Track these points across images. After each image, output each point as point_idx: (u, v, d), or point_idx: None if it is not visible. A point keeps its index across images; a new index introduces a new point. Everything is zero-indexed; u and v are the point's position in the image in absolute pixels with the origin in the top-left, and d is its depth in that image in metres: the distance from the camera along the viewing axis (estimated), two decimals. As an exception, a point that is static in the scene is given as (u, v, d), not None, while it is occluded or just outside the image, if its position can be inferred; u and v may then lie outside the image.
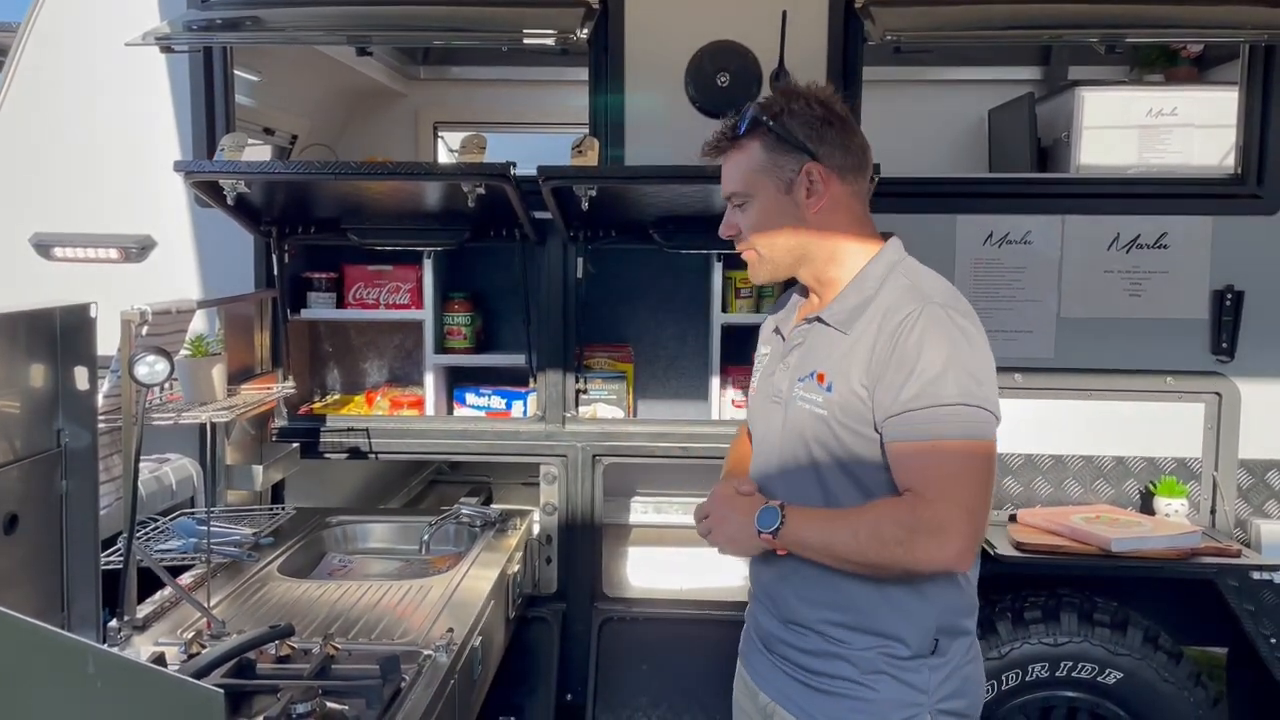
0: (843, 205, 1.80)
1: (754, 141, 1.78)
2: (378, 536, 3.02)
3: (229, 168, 2.56)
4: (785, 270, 1.85)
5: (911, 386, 1.64)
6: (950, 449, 1.63)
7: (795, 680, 1.82)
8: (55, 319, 1.93)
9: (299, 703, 1.73)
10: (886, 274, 1.77)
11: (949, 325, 1.66)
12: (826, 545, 1.70)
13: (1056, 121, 4.06)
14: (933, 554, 1.63)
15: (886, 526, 1.65)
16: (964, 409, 1.63)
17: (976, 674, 1.83)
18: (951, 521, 1.62)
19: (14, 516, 1.86)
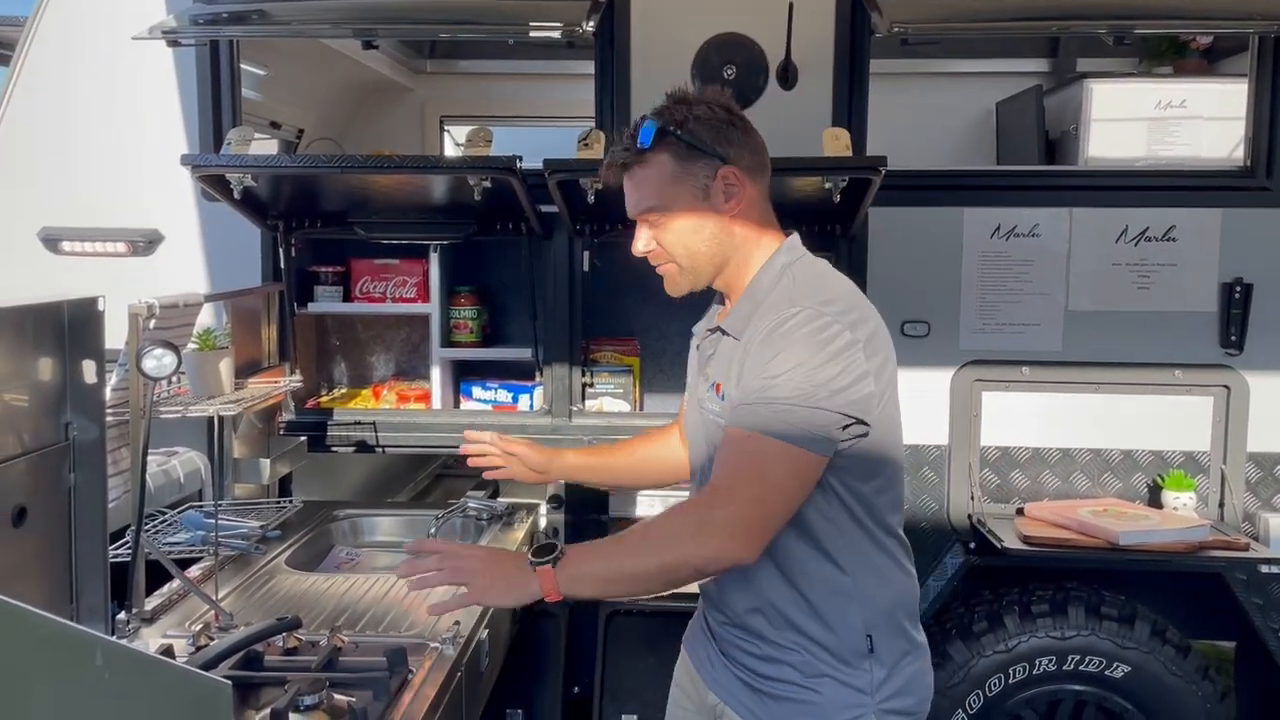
0: (755, 206, 1.79)
1: (662, 154, 1.74)
2: (385, 530, 3.03)
3: (235, 161, 2.56)
4: (706, 279, 1.82)
5: (756, 383, 1.63)
6: (765, 445, 1.60)
7: (743, 683, 1.80)
8: (63, 312, 1.93)
9: (306, 694, 1.73)
10: (778, 279, 1.75)
11: (813, 329, 1.64)
12: (609, 561, 1.64)
13: (1064, 114, 4.04)
14: (721, 550, 1.58)
15: (678, 523, 1.63)
16: (797, 410, 1.59)
17: (921, 671, 1.82)
18: (741, 518, 1.59)
19: (22, 509, 1.86)
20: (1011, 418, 3.01)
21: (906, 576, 1.82)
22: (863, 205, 2.73)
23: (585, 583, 1.63)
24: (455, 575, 1.65)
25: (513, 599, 1.66)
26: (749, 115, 1.81)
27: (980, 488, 3.01)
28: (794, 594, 1.73)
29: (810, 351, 1.62)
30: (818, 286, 1.74)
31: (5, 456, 1.82)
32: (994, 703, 2.94)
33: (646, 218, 1.79)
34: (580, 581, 1.62)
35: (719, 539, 1.58)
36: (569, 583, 1.61)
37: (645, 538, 1.64)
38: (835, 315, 1.66)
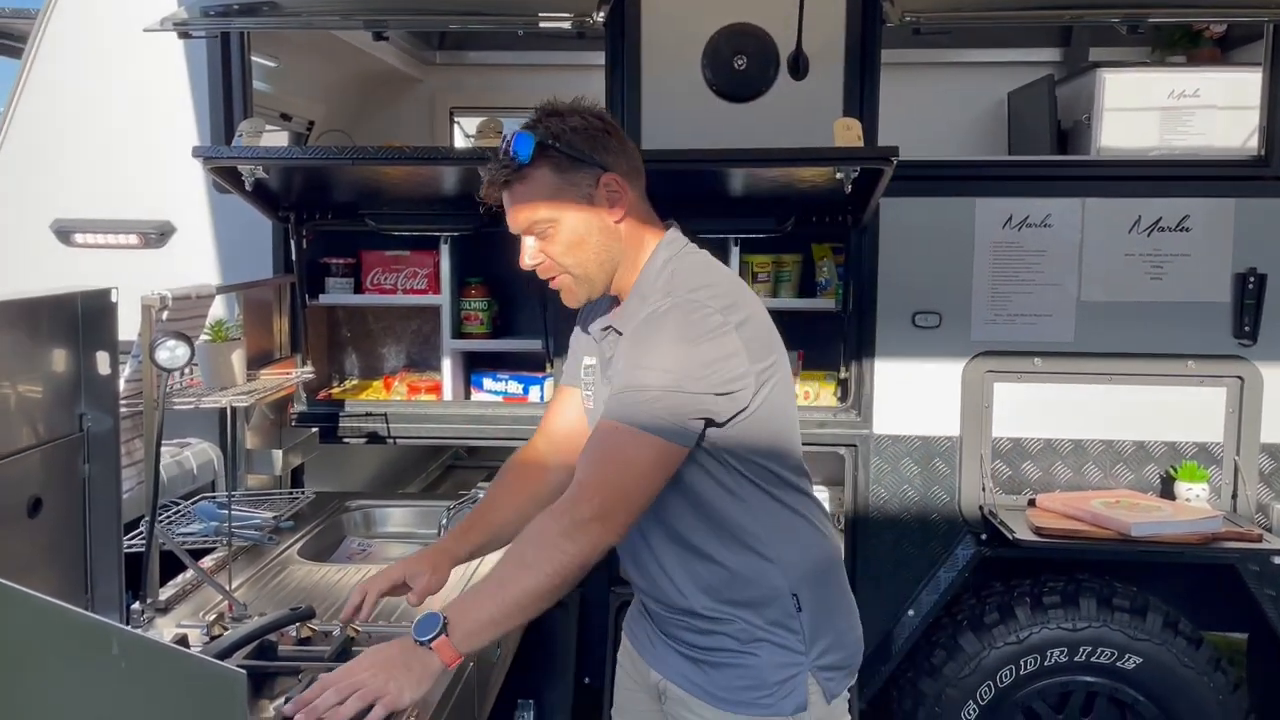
0: (636, 209, 1.82)
1: (542, 167, 1.75)
2: (396, 521, 3.04)
3: (247, 153, 2.57)
4: (601, 286, 1.84)
5: (626, 372, 1.68)
6: (627, 436, 1.64)
7: (684, 656, 1.85)
8: (77, 304, 1.94)
9: (320, 684, 1.75)
10: (659, 273, 1.79)
11: (680, 315, 1.68)
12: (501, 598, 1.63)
13: (1077, 104, 4.02)
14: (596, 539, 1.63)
15: (551, 530, 1.64)
16: (661, 398, 1.64)
17: (849, 626, 1.88)
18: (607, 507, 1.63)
19: (38, 500, 1.88)
20: (1023, 409, 3.00)
21: (823, 535, 1.87)
22: (874, 196, 2.72)
23: (483, 633, 1.64)
24: (358, 697, 1.54)
25: (424, 686, 1.60)
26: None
27: (992, 479, 3.00)
28: (717, 568, 1.78)
29: (677, 338, 1.66)
30: (693, 276, 1.77)
31: (20, 448, 1.83)
32: (1005, 694, 2.94)
33: (532, 231, 1.80)
34: (477, 634, 1.63)
35: (591, 533, 1.63)
36: (466, 640, 1.61)
37: (522, 559, 1.65)
38: (705, 299, 1.70)
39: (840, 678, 1.84)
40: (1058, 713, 2.98)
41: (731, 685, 1.80)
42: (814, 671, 1.79)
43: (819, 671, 1.80)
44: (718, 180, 2.84)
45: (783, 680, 1.77)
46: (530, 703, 2.98)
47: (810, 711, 1.78)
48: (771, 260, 3.14)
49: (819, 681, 1.79)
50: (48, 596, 1.17)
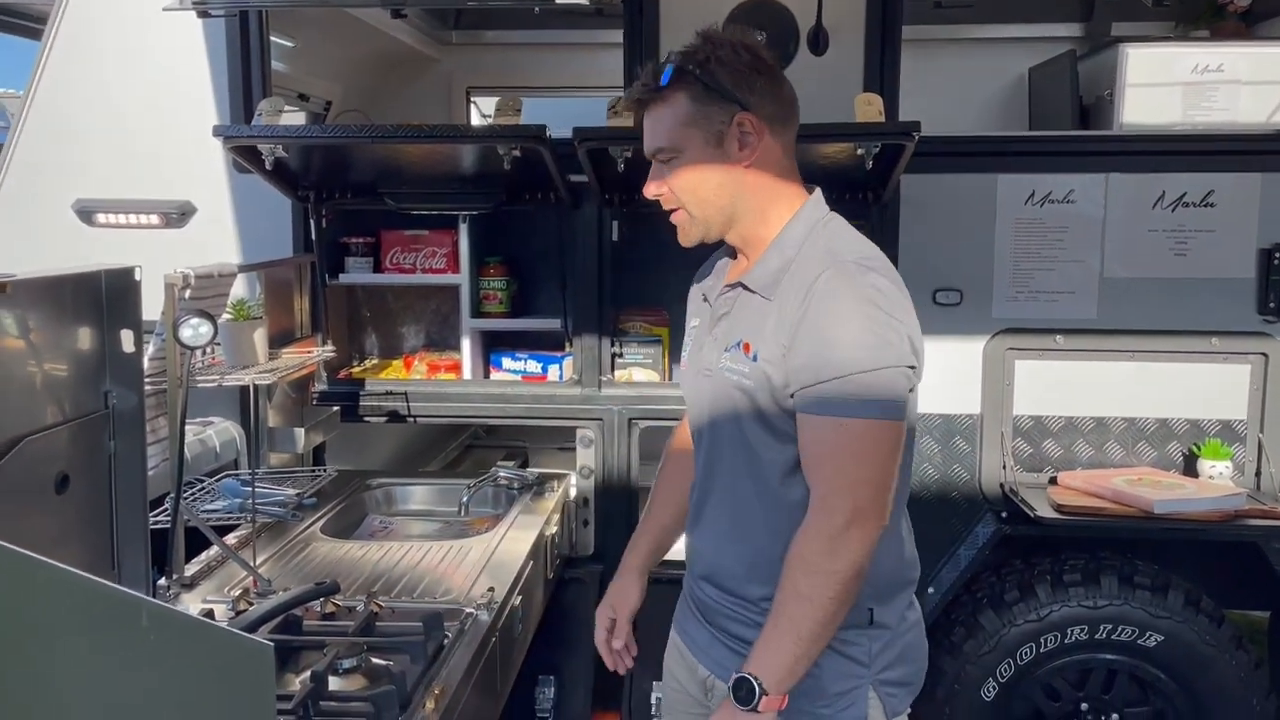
0: (773, 159, 1.71)
1: (679, 93, 1.67)
2: (417, 499, 3.06)
3: (266, 132, 2.57)
4: (717, 231, 1.75)
5: (815, 356, 1.58)
6: (853, 429, 1.57)
7: (735, 653, 1.75)
8: (101, 282, 1.96)
9: (345, 658, 1.77)
10: (807, 234, 1.69)
11: (857, 286, 1.59)
12: (797, 638, 1.59)
13: (1099, 79, 3.97)
14: (863, 540, 1.58)
15: (814, 555, 1.58)
16: (870, 376, 1.56)
17: (918, 641, 1.80)
18: (861, 504, 1.58)
19: (65, 476, 1.89)
20: (1045, 386, 2.98)
21: (910, 548, 1.80)
22: (895, 172, 2.70)
23: (795, 673, 1.60)
24: None
25: None
26: None
27: (1013, 457, 2.99)
28: None
29: (863, 312, 1.58)
30: (854, 243, 1.70)
31: (47, 424, 1.85)
32: (1025, 671, 2.94)
33: (659, 159, 1.74)
34: (789, 677, 1.60)
35: (851, 540, 1.57)
36: (781, 686, 1.59)
37: (797, 592, 1.59)
38: (879, 269, 1.63)
39: (903, 694, 1.75)
40: (1078, 690, 2.98)
41: None
42: (876, 685, 1.70)
43: (881, 686, 1.71)
44: (737, 157, 2.82)
45: (843, 691, 1.69)
46: (551, 678, 3.00)
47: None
48: (791, 238, 3.12)
49: (881, 697, 1.71)
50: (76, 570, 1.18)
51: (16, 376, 1.81)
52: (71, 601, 1.19)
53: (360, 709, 1.63)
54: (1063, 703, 2.99)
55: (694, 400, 1.84)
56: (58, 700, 1.19)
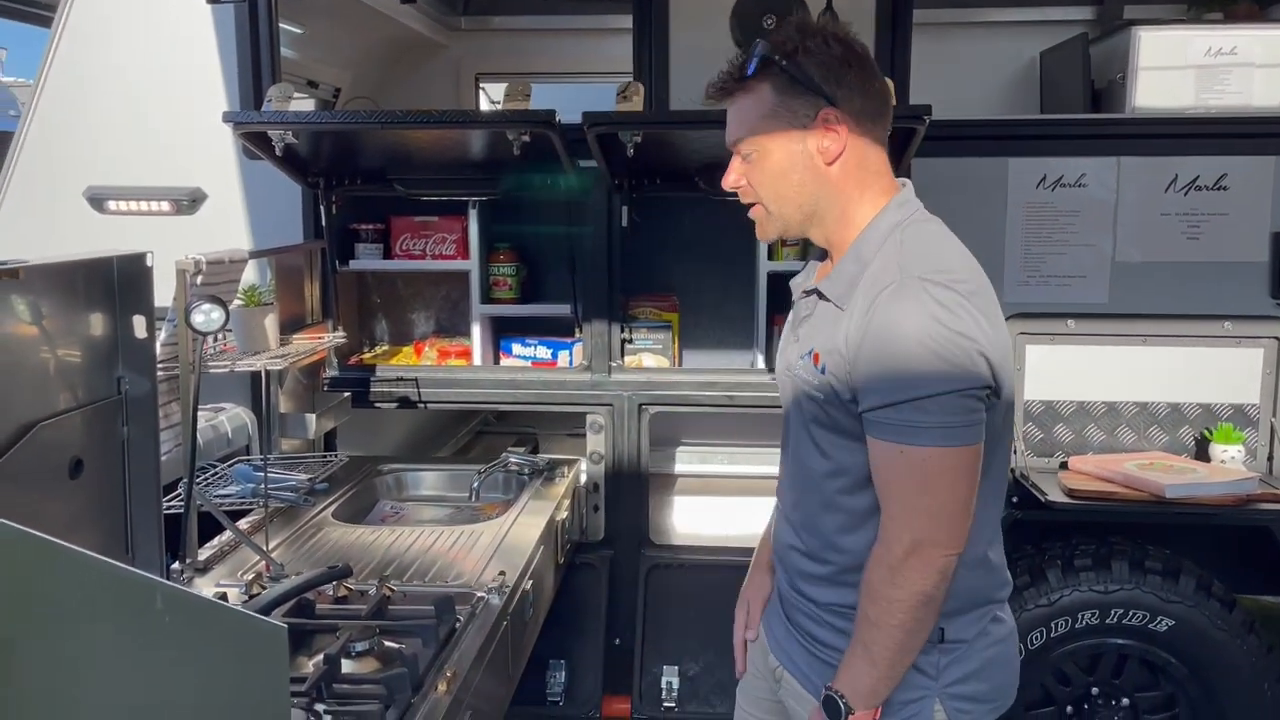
0: (859, 156, 1.63)
1: (764, 84, 1.61)
2: (428, 484, 3.07)
3: (276, 118, 2.57)
4: (795, 228, 1.68)
5: (875, 378, 1.52)
6: (915, 456, 1.51)
7: (804, 648, 1.74)
8: (113, 268, 1.96)
9: (358, 641, 1.78)
10: (885, 239, 1.61)
11: (920, 301, 1.50)
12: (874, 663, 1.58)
13: (1110, 63, 3.94)
14: (933, 565, 1.53)
15: (883, 583, 1.55)
16: (935, 401, 1.48)
17: (1002, 656, 1.72)
18: (929, 532, 1.52)
19: (79, 461, 1.91)
20: (1056, 371, 2.98)
21: (996, 566, 1.72)
22: (906, 155, 2.69)
23: (878, 693, 1.60)
24: None
25: None
26: None
27: (1024, 441, 2.99)
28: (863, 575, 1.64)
29: (925, 332, 1.48)
30: (928, 252, 1.59)
31: (61, 410, 1.86)
32: (1036, 656, 2.94)
33: (739, 150, 1.67)
34: (873, 696, 1.59)
35: (912, 570, 1.53)
36: (865, 704, 1.59)
37: (868, 619, 1.57)
38: (947, 281, 1.53)
39: (978, 712, 1.68)
40: (1089, 675, 2.98)
41: None
42: (944, 699, 1.64)
43: (950, 700, 1.65)
44: (747, 142, 2.81)
45: (907, 701, 1.64)
46: (562, 663, 3.02)
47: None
48: (801, 223, 3.11)
49: (948, 711, 1.65)
50: (91, 553, 1.19)
51: (30, 362, 1.82)
52: (87, 584, 1.20)
53: (373, 691, 1.64)
54: (1073, 687, 2.99)
55: (781, 396, 1.81)
56: (74, 681, 1.20)
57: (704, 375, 3.10)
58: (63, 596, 1.20)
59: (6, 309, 1.75)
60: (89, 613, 1.20)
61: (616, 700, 3.01)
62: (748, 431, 4.01)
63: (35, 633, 1.19)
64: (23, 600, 1.18)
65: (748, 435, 4.02)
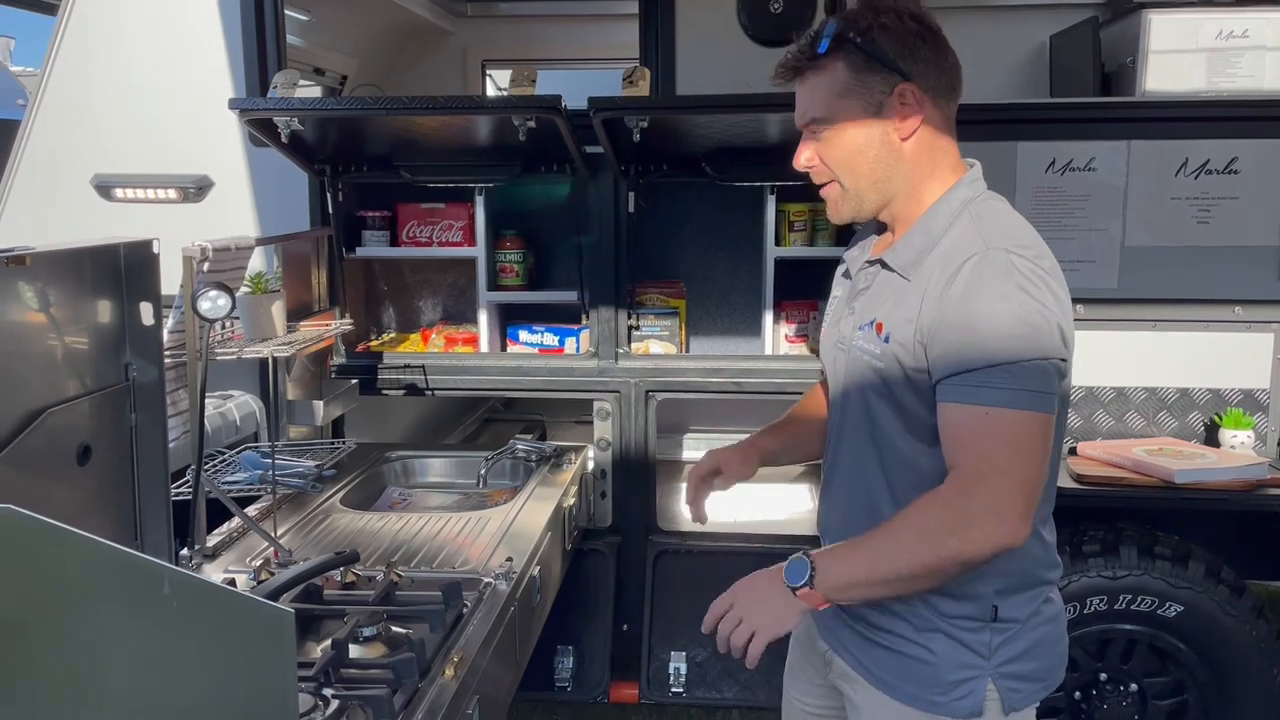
0: (932, 132, 1.62)
1: (837, 62, 1.59)
2: (436, 471, 3.07)
3: (283, 104, 2.57)
4: (870, 207, 1.68)
5: (962, 343, 1.51)
6: (1000, 418, 1.49)
7: (853, 630, 1.74)
8: (120, 255, 1.97)
9: (365, 626, 1.78)
10: (957, 213, 1.61)
11: (1005, 271, 1.50)
12: (871, 569, 1.54)
13: (1121, 46, 3.91)
14: (989, 537, 1.48)
15: (933, 519, 1.51)
16: (1020, 367, 1.48)
17: (1053, 635, 1.71)
18: (1002, 497, 1.48)
19: (87, 447, 1.91)
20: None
21: (1049, 548, 1.72)
22: (913, 140, 2.67)
23: (849, 591, 1.57)
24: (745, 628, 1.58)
25: (794, 622, 1.58)
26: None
27: (1031, 428, 2.97)
28: None
29: (1014, 300, 1.49)
30: (1004, 227, 1.59)
31: (69, 396, 1.87)
32: (1043, 642, 2.94)
33: (812, 129, 1.65)
34: (843, 591, 1.56)
35: (984, 528, 1.48)
36: (832, 593, 1.56)
37: (899, 540, 1.52)
38: (1029, 255, 1.53)
39: (1029, 690, 1.67)
40: (1097, 661, 2.97)
41: (901, 673, 1.67)
42: (995, 678, 1.64)
43: (1002, 679, 1.64)
44: (753, 126, 2.80)
45: (959, 681, 1.63)
46: (569, 649, 3.03)
47: (984, 719, 1.64)
48: (808, 209, 3.10)
49: (1000, 690, 1.64)
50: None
51: (37, 349, 1.82)
52: (96, 569, 1.21)
53: (380, 676, 1.64)
54: (1081, 673, 2.98)
55: (830, 372, 1.81)
56: (84, 665, 1.20)
57: (711, 361, 3.10)
58: (72, 581, 1.20)
59: (14, 296, 1.75)
60: (98, 597, 1.21)
61: (624, 686, 3.02)
62: (753, 418, 4.00)
63: (46, 617, 1.20)
64: (33, 585, 1.19)
65: (753, 422, 4.01)
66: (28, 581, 1.19)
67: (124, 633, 1.23)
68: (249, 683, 1.25)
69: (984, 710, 1.64)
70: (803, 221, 3.11)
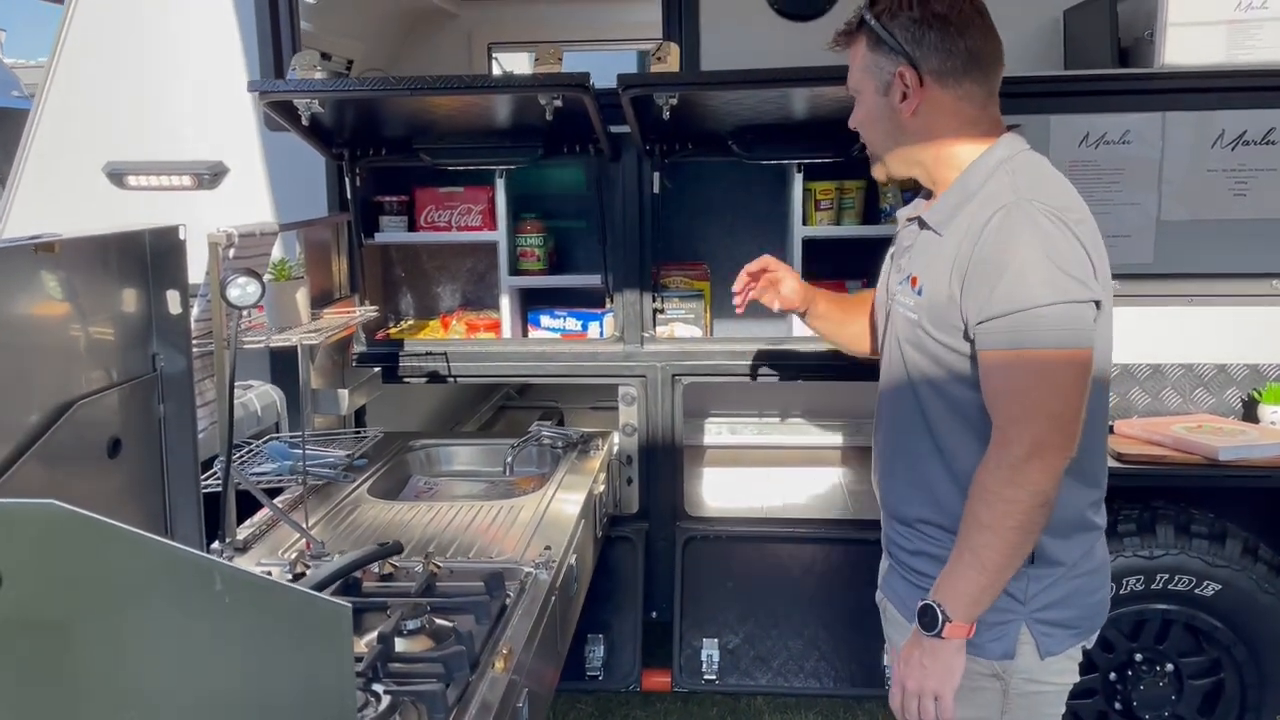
0: (945, 110, 1.73)
1: (860, 39, 1.78)
2: (461, 459, 3.02)
3: (304, 86, 2.50)
4: (899, 170, 1.83)
5: (996, 290, 1.60)
6: (1035, 359, 1.58)
7: (902, 577, 1.86)
8: (145, 242, 1.92)
9: (410, 619, 1.74)
10: (992, 171, 1.70)
11: (1034, 219, 1.60)
12: (981, 568, 1.62)
13: (1137, 20, 3.85)
14: (1044, 468, 1.58)
15: (994, 487, 1.60)
16: (1051, 309, 1.57)
17: (1093, 583, 1.78)
18: (1043, 433, 1.58)
19: (117, 440, 1.87)
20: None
21: (1098, 495, 1.80)
22: (946, 115, 2.62)
23: (980, 602, 1.64)
24: (926, 700, 1.69)
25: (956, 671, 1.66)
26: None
27: (1066, 406, 2.92)
28: (958, 494, 1.71)
29: (1040, 246, 1.58)
30: (1039, 182, 1.68)
31: (98, 388, 1.82)
32: (1080, 623, 2.90)
33: (851, 93, 1.83)
34: (975, 604, 1.64)
35: (1033, 471, 1.58)
36: (969, 613, 1.64)
37: (979, 521, 1.61)
38: (1060, 207, 1.63)
39: (1063, 636, 1.74)
40: (1132, 641, 2.94)
41: None
42: (1030, 622, 1.71)
43: (1036, 624, 1.72)
44: (780, 103, 2.74)
45: (993, 624, 1.70)
46: (600, 637, 2.99)
47: (1017, 662, 1.72)
48: (835, 187, 3.05)
49: (1034, 634, 1.72)
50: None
51: (66, 340, 1.77)
52: (145, 565, 1.17)
53: (431, 670, 1.59)
54: (1116, 654, 2.95)
55: (880, 327, 1.95)
56: (133, 665, 1.17)
57: (738, 344, 3.05)
58: (120, 579, 1.16)
59: (40, 286, 1.70)
60: (147, 594, 1.17)
61: (656, 674, 2.98)
62: (779, 402, 3.96)
63: (92, 616, 1.15)
64: (78, 583, 1.14)
65: (773, 405, 3.98)
66: (74, 580, 1.14)
67: (175, 631, 1.18)
68: (305, 680, 1.21)
69: (1017, 654, 1.72)
70: (829, 200, 3.05)
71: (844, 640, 2.96)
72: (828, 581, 2.99)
